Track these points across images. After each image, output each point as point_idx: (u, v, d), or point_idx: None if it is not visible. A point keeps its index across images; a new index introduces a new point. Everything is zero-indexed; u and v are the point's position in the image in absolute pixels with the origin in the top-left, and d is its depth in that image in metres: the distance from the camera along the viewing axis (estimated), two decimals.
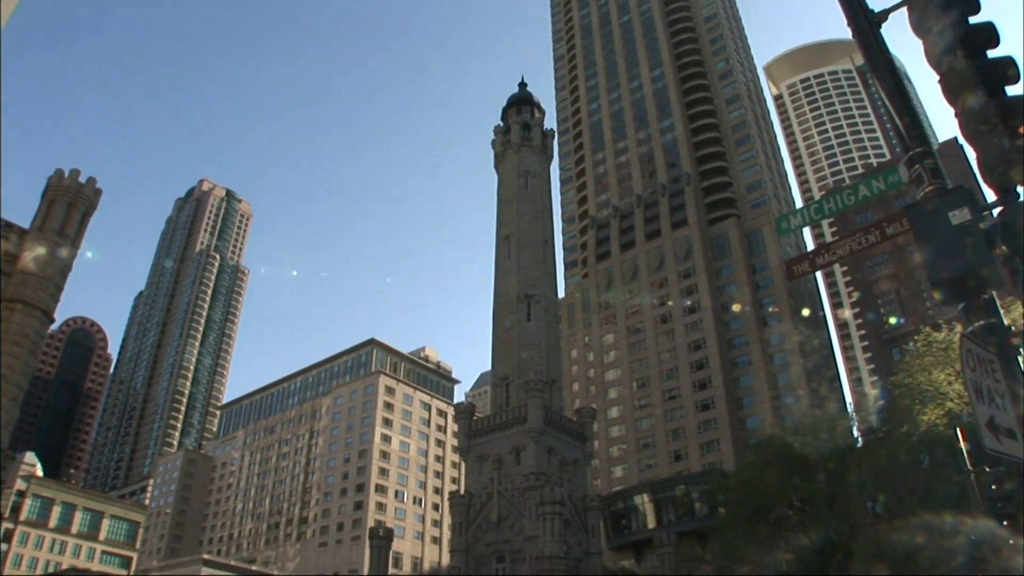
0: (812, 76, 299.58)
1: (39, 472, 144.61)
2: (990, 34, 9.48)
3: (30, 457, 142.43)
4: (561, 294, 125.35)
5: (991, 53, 9.46)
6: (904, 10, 10.48)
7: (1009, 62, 9.28)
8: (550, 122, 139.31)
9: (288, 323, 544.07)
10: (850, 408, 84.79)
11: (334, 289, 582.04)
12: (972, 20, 9.71)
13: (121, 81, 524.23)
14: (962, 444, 16.16)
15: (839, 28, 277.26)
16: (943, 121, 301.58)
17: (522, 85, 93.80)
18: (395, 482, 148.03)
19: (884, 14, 11.39)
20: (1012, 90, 9.24)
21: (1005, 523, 14.29)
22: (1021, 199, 8.84)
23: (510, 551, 62.16)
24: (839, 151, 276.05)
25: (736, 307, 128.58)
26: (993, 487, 15.17)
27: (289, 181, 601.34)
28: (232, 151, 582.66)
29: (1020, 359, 8.91)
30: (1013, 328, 9.98)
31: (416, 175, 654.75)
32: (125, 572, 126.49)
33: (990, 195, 9.29)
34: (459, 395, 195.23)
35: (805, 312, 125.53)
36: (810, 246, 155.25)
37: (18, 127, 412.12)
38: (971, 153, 9.45)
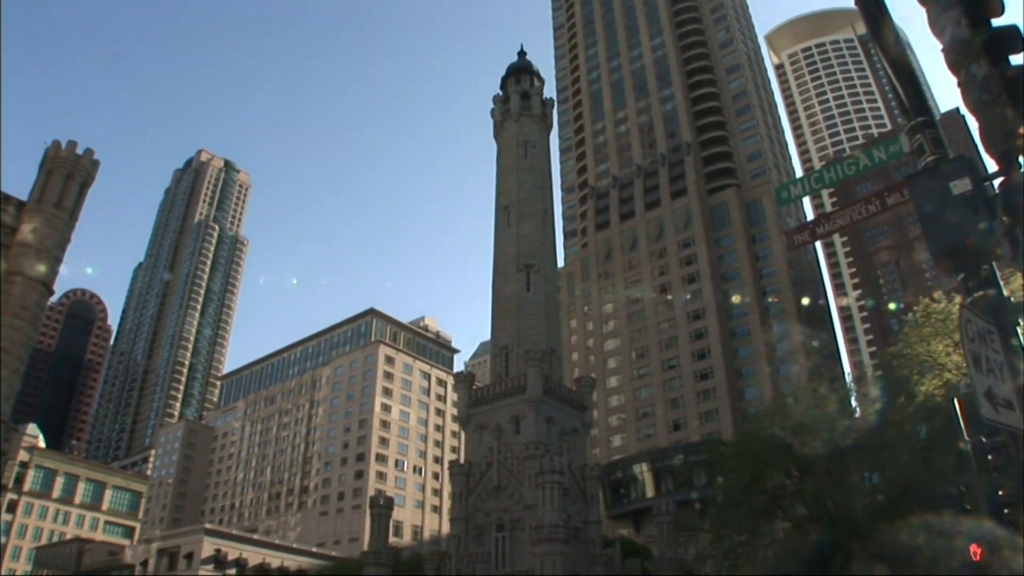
0: (813, 45, 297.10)
1: (41, 443, 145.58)
2: (995, 3, 9.38)
3: (32, 429, 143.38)
4: (560, 263, 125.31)
5: (995, 22, 9.37)
6: None
7: (1014, 31, 9.19)
8: (549, 91, 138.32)
9: (288, 293, 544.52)
10: (848, 379, 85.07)
11: (333, 259, 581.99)
12: None
13: (118, 52, 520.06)
14: (959, 414, 16.24)
15: None
16: (945, 92, 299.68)
17: (521, 54, 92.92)
18: (395, 451, 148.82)
19: None
20: (1016, 59, 9.17)
21: (1001, 492, 14.42)
22: (1022, 169, 8.79)
23: (509, 520, 62.63)
24: (840, 121, 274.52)
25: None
26: (989, 456, 15.32)
27: (288, 151, 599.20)
28: (230, 121, 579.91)
29: (1019, 330, 8.92)
30: (1012, 299, 9.98)
31: (415, 145, 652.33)
32: (128, 542, 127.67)
33: (992, 165, 9.25)
34: (459, 364, 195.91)
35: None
36: (810, 217, 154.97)
37: (15, 99, 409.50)
38: (973, 123, 9.40)
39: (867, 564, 36.31)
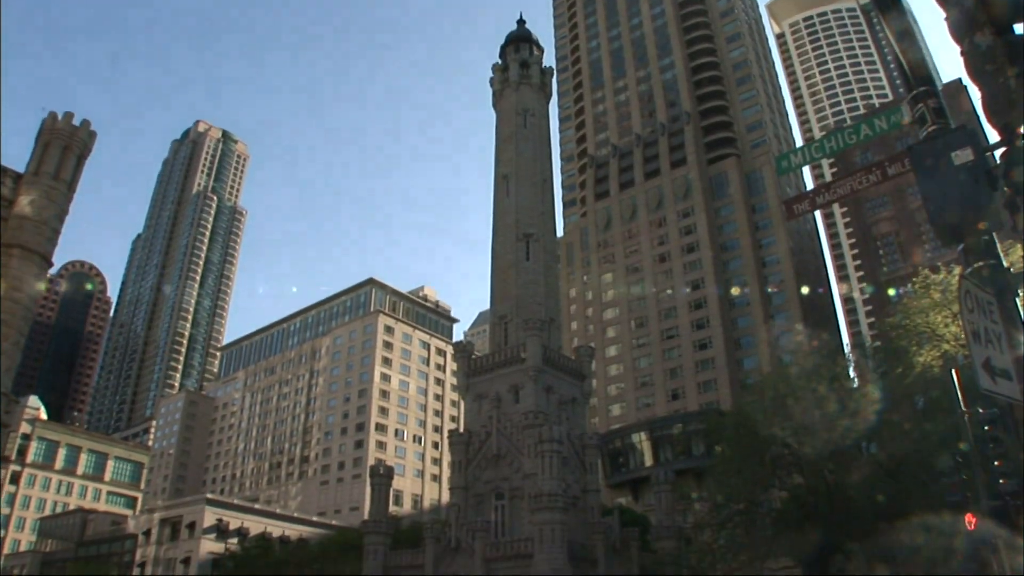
0: (815, 14, 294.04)
1: (43, 416, 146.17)
2: None
3: (34, 401, 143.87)
4: (560, 233, 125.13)
5: None
6: None
7: (1019, 1, 9.08)
8: (549, 60, 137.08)
9: (287, 263, 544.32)
10: (847, 350, 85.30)
11: (332, 228, 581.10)
12: None
13: (115, 23, 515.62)
14: (957, 385, 16.29)
15: None
16: (946, 65, 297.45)
17: (520, 22, 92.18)
18: (395, 421, 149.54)
19: None
20: (1020, 28, 9.07)
21: (997, 463, 14.51)
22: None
23: (509, 488, 63.07)
24: (841, 91, 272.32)
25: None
26: (986, 428, 15.39)
27: (286, 120, 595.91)
28: (227, 91, 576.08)
29: (1018, 301, 8.92)
30: (1012, 270, 9.96)
31: (415, 114, 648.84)
32: (131, 512, 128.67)
33: (994, 135, 9.19)
34: (458, 334, 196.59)
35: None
36: (810, 187, 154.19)
37: (13, 71, 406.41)
38: (975, 93, 9.32)
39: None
